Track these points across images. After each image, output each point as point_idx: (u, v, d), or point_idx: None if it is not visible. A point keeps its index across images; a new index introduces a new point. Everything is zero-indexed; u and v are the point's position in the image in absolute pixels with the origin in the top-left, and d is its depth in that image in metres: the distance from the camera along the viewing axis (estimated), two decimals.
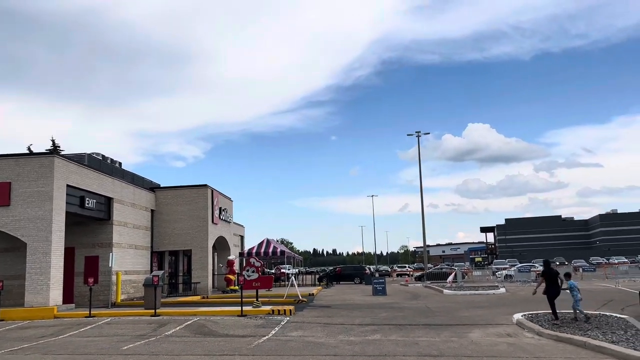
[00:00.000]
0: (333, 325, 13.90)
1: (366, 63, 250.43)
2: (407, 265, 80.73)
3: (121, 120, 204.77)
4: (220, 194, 29.87)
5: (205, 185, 27.54)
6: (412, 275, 54.48)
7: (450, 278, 31.04)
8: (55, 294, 17.90)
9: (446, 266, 54.89)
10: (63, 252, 18.62)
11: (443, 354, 9.33)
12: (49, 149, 40.57)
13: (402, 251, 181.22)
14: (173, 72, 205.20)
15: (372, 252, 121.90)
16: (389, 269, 70.97)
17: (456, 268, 39.62)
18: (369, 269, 53.21)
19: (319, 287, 33.58)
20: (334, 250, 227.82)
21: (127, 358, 9.58)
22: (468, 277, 38.44)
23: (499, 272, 37.85)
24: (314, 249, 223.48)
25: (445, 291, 25.85)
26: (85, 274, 21.30)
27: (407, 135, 48.12)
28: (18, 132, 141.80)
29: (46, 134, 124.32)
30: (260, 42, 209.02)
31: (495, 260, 69.18)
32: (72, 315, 16.98)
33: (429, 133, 49.23)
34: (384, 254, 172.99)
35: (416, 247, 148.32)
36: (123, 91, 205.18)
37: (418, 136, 44.83)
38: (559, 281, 12.69)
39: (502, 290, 25.40)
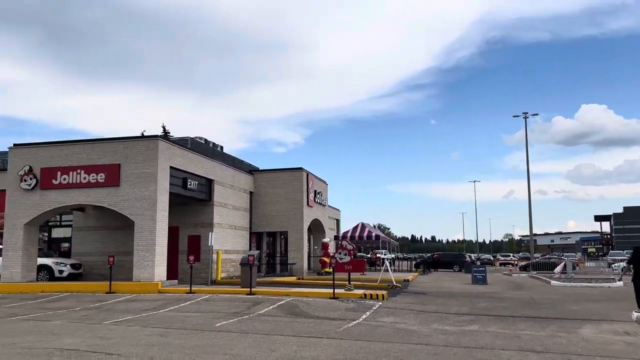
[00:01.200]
0: (427, 313, 13.31)
1: (468, 43, 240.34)
2: (511, 255, 76.90)
3: (226, 108, 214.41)
4: (315, 177, 30.00)
5: (300, 168, 27.77)
6: (516, 265, 51.72)
7: (559, 268, 28.81)
8: (160, 270, 18.93)
9: (555, 256, 51.36)
10: (167, 230, 19.62)
11: (548, 350, 8.46)
12: (160, 135, 43.27)
13: (507, 240, 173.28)
14: (273, 61, 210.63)
15: (474, 239, 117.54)
16: (492, 258, 68.03)
17: (565, 258, 36.81)
18: (470, 257, 51.17)
19: (415, 274, 32.79)
20: (433, 237, 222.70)
21: (218, 334, 9.73)
22: (579, 268, 35.57)
23: (616, 264, 34.58)
24: (412, 235, 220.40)
25: (553, 282, 24.04)
26: (188, 252, 22.32)
27: (513, 116, 45.15)
28: (132, 122, 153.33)
29: (157, 123, 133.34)
30: (357, 26, 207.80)
31: (611, 252, 63.68)
32: (174, 290, 17.85)
33: (537, 114, 46.21)
34: (487, 242, 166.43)
35: (522, 236, 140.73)
36: (227, 81, 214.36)
37: (525, 118, 42.13)
38: None
39: (619, 283, 23.06)
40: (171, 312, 13.22)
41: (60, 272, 21.46)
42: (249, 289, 16.90)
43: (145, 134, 42.04)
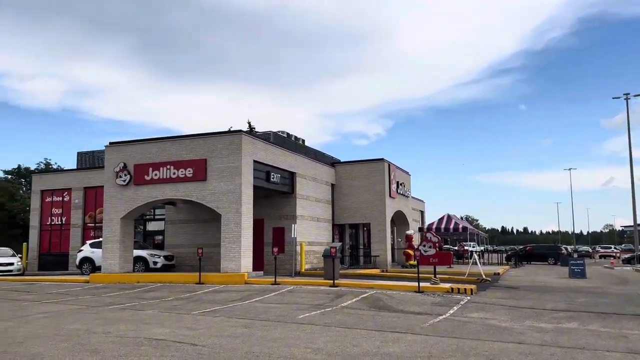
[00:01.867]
0: (520, 308, 12.51)
1: (560, 23, 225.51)
2: (612, 246, 71.52)
3: (309, 102, 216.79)
4: (397, 167, 29.41)
5: (382, 159, 27.31)
6: (618, 258, 47.99)
7: None
8: (246, 262, 19.35)
9: None
10: (252, 223, 20.01)
11: None
12: (245, 130, 44.56)
13: (607, 231, 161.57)
14: (354, 53, 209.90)
15: (570, 231, 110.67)
16: (590, 250, 63.66)
17: None
18: (566, 248, 48.13)
19: (506, 267, 31.28)
20: (525, 229, 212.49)
21: (300, 327, 9.67)
22: None
23: None
24: (502, 227, 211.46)
25: None
26: (272, 244, 22.67)
27: (613, 98, 41.60)
28: (220, 119, 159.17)
29: (244, 118, 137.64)
30: (439, 11, 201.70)
31: None
32: (259, 281, 18.17)
33: None
34: (584, 233, 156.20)
35: (624, 227, 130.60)
36: (310, 74, 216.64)
37: (626, 99, 38.85)
38: None
39: None
40: (256, 303, 13.41)
41: (155, 263, 22.60)
42: (331, 281, 16.82)
43: (231, 129, 43.57)
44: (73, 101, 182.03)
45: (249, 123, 47.83)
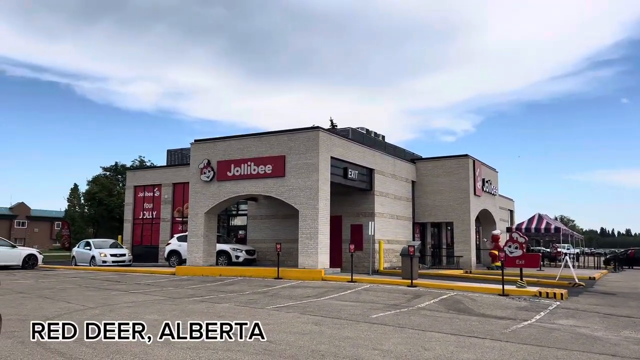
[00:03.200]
0: (616, 316, 11.39)
1: None
2: None
3: (393, 99, 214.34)
4: (483, 164, 28.10)
5: (466, 155, 26.21)
6: None
7: None
8: (323, 258, 19.29)
9: None
10: (329, 219, 19.92)
11: None
12: (326, 128, 44.82)
13: None
14: (439, 48, 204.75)
15: None
16: None
17: None
18: None
19: (604, 271, 28.98)
20: (628, 231, 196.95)
21: (372, 327, 9.37)
22: None
23: None
24: (602, 228, 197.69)
25: None
26: (350, 241, 22.47)
27: None
28: (304, 118, 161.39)
29: (327, 117, 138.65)
30: (530, 2, 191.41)
31: None
32: (336, 278, 18.03)
33: None
34: None
35: None
36: (394, 71, 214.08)
37: None
38: None
39: None
40: (330, 300, 13.26)
41: (237, 257, 23.20)
42: (410, 281, 16.31)
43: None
44: (168, 102, 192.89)
45: (331, 121, 48.03)
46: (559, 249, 37.47)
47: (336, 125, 45.93)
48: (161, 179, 30.75)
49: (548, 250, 39.95)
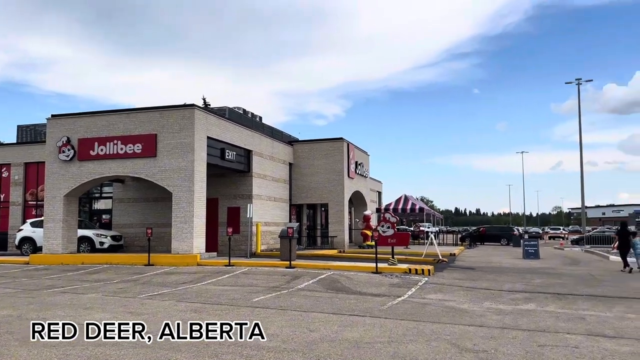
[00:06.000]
0: (478, 289, 12.38)
1: (516, 9, 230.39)
2: (561, 228, 74.08)
3: (267, 80, 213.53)
4: (356, 147, 29.04)
5: (341, 138, 26.85)
6: (566, 239, 49.71)
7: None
8: (199, 242, 18.58)
9: (608, 229, 48.94)
10: (205, 202, 19.20)
11: (622, 334, 7.45)
12: (200, 106, 43.22)
13: (555, 212, 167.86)
14: (314, 32, 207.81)
15: (520, 212, 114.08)
16: (540, 231, 65.68)
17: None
18: (517, 230, 49.39)
19: (461, 248, 31.67)
20: (478, 210, 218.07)
21: (255, 311, 9.13)
22: None
23: None
24: (456, 208, 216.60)
25: (612, 257, 22.51)
26: (227, 224, 21.94)
27: (566, 83, 42.41)
28: (174, 96, 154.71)
29: (199, 96, 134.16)
30: None
31: None
32: (213, 263, 17.48)
33: (591, 80, 43.56)
34: (534, 215, 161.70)
35: (571, 209, 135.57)
36: (269, 53, 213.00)
37: (578, 84, 39.78)
38: (630, 239, 17.05)
39: None
40: (208, 285, 12.77)
41: (101, 243, 21.51)
42: (288, 262, 16.32)
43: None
44: (17, 74, 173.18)
45: (203, 99, 46.45)
46: (421, 228, 40.28)
47: (209, 104, 44.51)
48: (10, 157, 27.40)
49: (412, 229, 42.73)
